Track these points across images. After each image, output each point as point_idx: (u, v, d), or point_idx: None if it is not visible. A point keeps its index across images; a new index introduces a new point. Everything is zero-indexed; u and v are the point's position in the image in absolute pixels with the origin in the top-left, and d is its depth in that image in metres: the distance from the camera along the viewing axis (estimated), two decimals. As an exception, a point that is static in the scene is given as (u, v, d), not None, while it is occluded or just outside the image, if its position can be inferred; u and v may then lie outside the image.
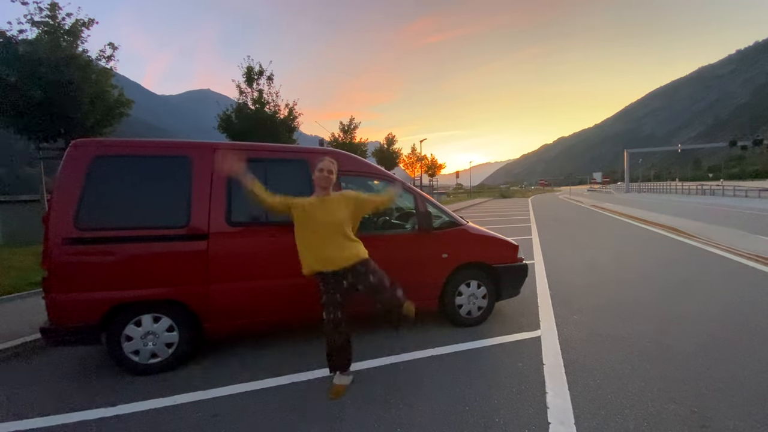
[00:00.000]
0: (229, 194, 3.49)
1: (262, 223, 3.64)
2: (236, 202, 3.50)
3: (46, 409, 2.79)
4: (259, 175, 3.71)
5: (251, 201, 2.82)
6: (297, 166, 3.85)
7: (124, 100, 10.60)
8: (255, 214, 3.64)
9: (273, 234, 3.61)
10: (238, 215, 3.51)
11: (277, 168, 3.81)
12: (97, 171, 3.22)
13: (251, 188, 2.74)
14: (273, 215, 3.68)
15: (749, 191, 33.38)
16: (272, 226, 3.64)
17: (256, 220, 3.65)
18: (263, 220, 3.65)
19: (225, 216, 3.45)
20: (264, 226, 3.64)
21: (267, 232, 3.63)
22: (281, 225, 3.67)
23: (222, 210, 3.45)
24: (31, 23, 9.03)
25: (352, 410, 2.68)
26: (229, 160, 2.70)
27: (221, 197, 3.46)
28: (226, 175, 3.31)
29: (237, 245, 3.50)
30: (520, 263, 4.50)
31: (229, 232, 3.46)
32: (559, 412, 2.57)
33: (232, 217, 3.47)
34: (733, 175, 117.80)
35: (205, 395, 2.92)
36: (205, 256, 3.36)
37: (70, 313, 3.12)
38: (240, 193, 3.54)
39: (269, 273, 3.58)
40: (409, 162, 46.09)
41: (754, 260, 7.06)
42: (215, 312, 3.41)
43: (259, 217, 3.65)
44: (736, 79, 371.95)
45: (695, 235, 10.26)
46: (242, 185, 2.76)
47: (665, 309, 4.62)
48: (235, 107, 15.84)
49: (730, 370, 3.10)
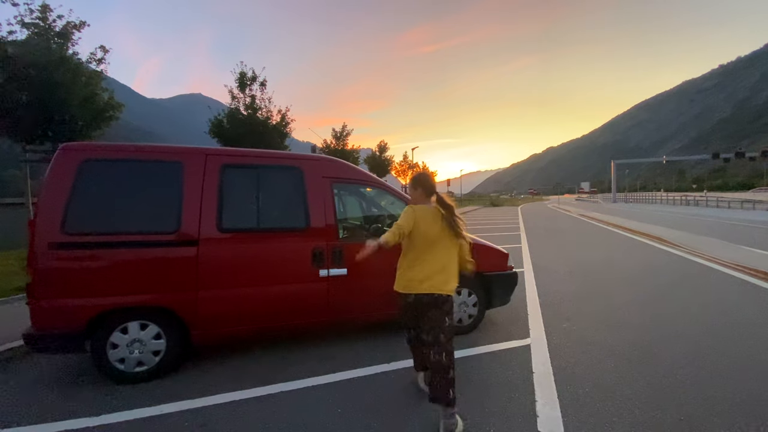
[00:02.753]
0: (221, 200, 3.47)
1: (253, 229, 3.62)
2: (227, 208, 3.48)
3: (28, 419, 2.71)
4: (251, 182, 3.71)
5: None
6: (290, 173, 3.85)
7: (115, 104, 10.48)
8: (246, 221, 3.62)
9: (263, 240, 3.60)
10: (228, 221, 3.48)
11: (269, 175, 3.80)
12: (85, 175, 3.18)
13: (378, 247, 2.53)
14: (264, 221, 3.66)
15: (731, 202, 34.19)
16: (264, 233, 3.62)
17: (248, 226, 3.63)
18: (254, 226, 3.63)
19: (216, 222, 3.42)
20: (255, 232, 3.62)
21: (257, 238, 3.61)
22: (272, 231, 3.66)
23: (213, 216, 3.42)
24: (21, 24, 8.92)
25: (343, 419, 2.66)
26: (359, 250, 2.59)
27: (212, 203, 3.43)
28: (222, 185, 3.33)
29: (228, 252, 3.47)
30: (510, 272, 4.54)
31: (219, 238, 3.43)
32: (548, 421, 2.58)
33: (222, 224, 3.45)
34: (716, 186, 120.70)
35: (193, 404, 2.86)
36: (194, 263, 3.32)
37: (54, 320, 3.05)
38: (231, 200, 3.53)
39: (260, 280, 3.55)
40: (401, 169, 46.28)
41: (738, 270, 7.22)
42: (203, 319, 3.37)
43: (250, 224, 3.63)
44: (719, 94, 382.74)
45: (680, 245, 10.46)
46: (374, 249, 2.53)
47: (652, 317, 4.69)
48: (227, 112, 15.79)
49: (717, 378, 3.15)
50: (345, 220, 4.56)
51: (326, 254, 3.70)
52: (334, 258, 3.73)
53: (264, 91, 15.87)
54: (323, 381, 3.21)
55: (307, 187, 3.77)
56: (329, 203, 3.81)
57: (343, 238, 3.91)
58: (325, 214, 3.77)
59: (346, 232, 4.13)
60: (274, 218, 3.74)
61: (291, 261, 3.66)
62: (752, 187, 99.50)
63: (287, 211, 3.82)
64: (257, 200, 3.69)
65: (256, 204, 3.68)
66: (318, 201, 3.77)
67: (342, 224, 4.15)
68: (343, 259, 3.74)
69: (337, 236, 3.82)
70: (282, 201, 3.84)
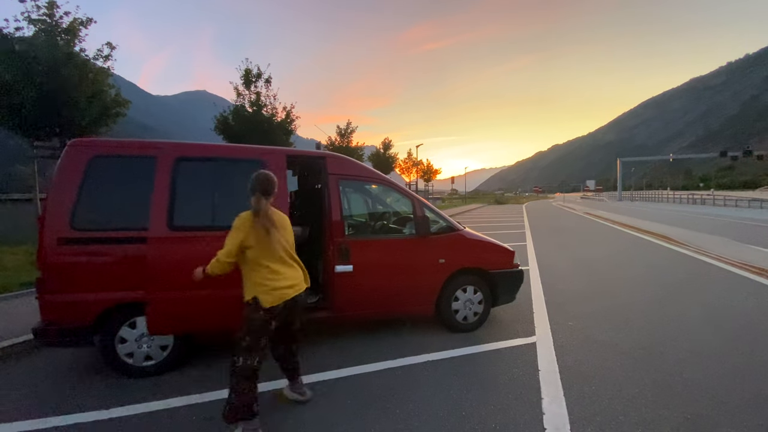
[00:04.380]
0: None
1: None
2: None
3: (38, 412, 2.75)
4: (210, 177, 3.47)
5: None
6: (253, 166, 3.56)
7: (121, 100, 10.51)
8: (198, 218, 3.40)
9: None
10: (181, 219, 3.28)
11: (231, 169, 3.56)
12: (94, 171, 3.20)
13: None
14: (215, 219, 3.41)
15: (739, 201, 33.87)
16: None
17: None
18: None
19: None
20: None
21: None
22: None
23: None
24: (28, 21, 8.95)
25: (350, 414, 2.67)
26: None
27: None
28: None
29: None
30: (516, 269, 4.53)
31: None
32: (554, 418, 2.59)
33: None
34: (723, 185, 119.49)
35: (200, 398, 2.90)
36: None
37: (63, 314, 3.09)
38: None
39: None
40: (405, 167, 46.23)
41: (745, 269, 7.16)
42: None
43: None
44: (727, 91, 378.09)
45: (686, 244, 10.39)
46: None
47: (658, 316, 4.67)
48: (232, 109, 15.83)
49: (723, 377, 3.14)
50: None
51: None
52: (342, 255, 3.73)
53: (269, 87, 15.89)
54: (330, 376, 3.23)
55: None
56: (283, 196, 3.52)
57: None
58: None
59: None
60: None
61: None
62: (760, 185, 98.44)
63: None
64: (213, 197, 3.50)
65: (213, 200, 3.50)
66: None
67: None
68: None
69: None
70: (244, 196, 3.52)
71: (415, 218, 4.09)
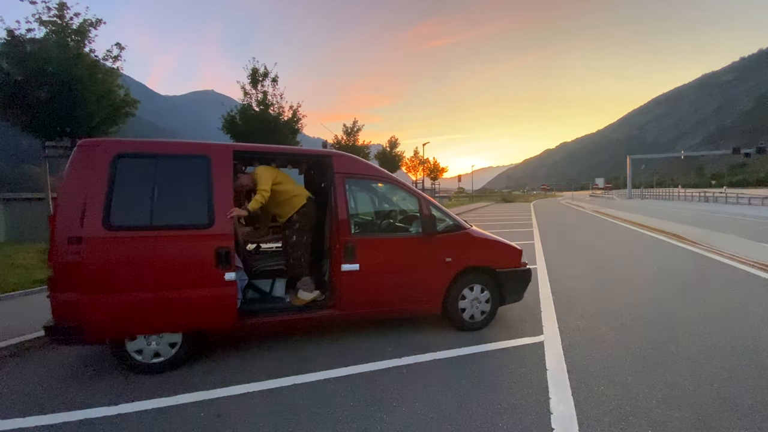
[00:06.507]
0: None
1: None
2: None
3: (49, 407, 2.79)
4: (149, 175, 3.28)
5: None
6: (197, 162, 3.43)
7: (130, 100, 10.64)
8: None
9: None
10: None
11: (171, 165, 3.40)
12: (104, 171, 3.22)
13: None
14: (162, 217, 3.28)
15: (752, 199, 33.24)
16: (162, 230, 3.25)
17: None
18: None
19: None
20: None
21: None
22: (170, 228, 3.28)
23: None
24: (39, 22, 9.08)
25: (355, 412, 2.67)
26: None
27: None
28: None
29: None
30: (523, 268, 4.49)
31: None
32: (562, 418, 2.56)
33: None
34: (736, 182, 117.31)
35: (209, 395, 2.92)
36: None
37: (74, 312, 3.12)
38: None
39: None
40: (412, 165, 46.13)
41: (758, 268, 7.03)
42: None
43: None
44: (740, 87, 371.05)
45: (697, 242, 10.23)
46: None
47: (668, 315, 4.60)
48: (239, 108, 15.93)
49: (735, 378, 3.08)
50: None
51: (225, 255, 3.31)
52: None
53: (276, 86, 15.96)
54: (336, 374, 3.24)
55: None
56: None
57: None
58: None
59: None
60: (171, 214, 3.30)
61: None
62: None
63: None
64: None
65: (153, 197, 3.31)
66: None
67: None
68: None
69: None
70: (186, 194, 3.38)
71: (422, 217, 4.08)
